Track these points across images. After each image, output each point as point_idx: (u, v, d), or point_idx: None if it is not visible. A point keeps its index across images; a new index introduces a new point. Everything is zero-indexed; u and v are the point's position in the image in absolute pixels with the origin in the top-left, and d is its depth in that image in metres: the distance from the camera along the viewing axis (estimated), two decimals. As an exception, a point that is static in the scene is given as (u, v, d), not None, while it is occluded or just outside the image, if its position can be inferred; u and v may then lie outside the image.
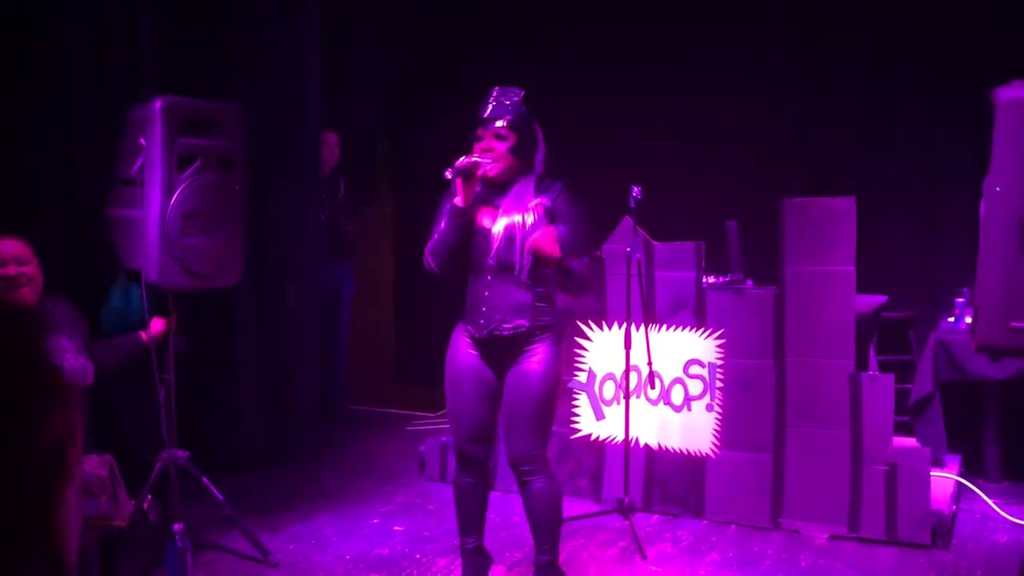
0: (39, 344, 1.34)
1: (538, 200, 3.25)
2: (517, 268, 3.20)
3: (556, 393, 3.34)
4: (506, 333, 3.26)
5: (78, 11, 4.33)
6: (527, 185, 3.28)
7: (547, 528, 3.35)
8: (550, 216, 3.24)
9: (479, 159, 3.21)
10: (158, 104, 3.57)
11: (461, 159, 3.20)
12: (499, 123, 3.23)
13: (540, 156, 3.34)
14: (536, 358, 3.26)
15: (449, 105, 6.37)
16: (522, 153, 3.28)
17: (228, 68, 4.99)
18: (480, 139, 3.27)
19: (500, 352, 3.31)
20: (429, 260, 3.31)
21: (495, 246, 3.22)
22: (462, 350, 3.37)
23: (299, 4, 5.27)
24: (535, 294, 3.26)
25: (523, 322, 3.24)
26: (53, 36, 4.27)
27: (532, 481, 3.28)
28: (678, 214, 5.24)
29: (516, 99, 3.29)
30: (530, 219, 3.22)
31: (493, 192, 3.30)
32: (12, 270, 3.45)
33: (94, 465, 3.36)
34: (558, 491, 3.35)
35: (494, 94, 3.30)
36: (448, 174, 3.18)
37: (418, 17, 6.62)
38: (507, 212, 3.24)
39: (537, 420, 3.27)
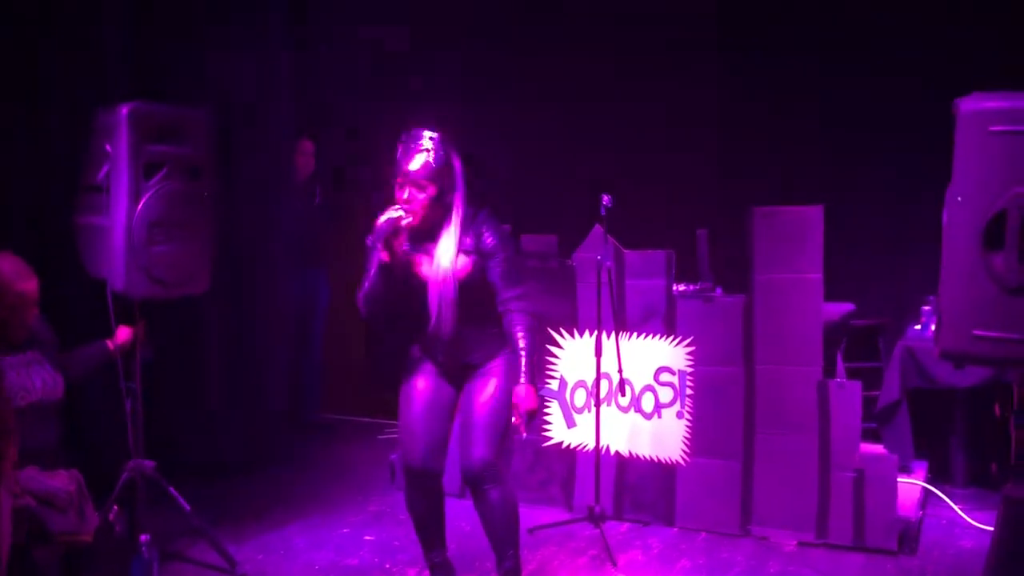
0: None
1: (466, 240, 3.26)
2: (444, 325, 3.22)
3: (511, 404, 3.33)
4: (470, 363, 3.34)
5: (46, 17, 4.29)
6: (453, 227, 3.25)
7: (508, 535, 3.34)
8: (480, 255, 3.26)
9: (397, 215, 3.17)
10: (124, 110, 3.54)
11: (381, 221, 3.18)
12: (417, 174, 3.19)
13: (459, 196, 3.26)
14: (493, 370, 3.32)
15: (412, 111, 6.38)
16: (442, 198, 3.24)
17: (197, 75, 4.95)
18: (400, 188, 3.24)
19: (458, 372, 3.37)
20: (361, 307, 3.33)
21: (430, 297, 3.24)
22: (419, 367, 3.39)
23: (268, 9, 5.24)
24: (489, 332, 3.31)
25: (481, 353, 3.32)
26: (21, 42, 4.22)
27: (489, 491, 3.27)
28: (648, 222, 5.27)
29: (435, 145, 3.22)
30: (461, 262, 3.23)
31: (423, 238, 3.29)
32: (31, 312, 3.42)
33: (63, 480, 3.32)
34: (514, 497, 3.36)
35: (408, 142, 3.23)
36: (369, 241, 3.23)
37: (390, 23, 6.61)
38: (439, 259, 3.24)
39: (493, 429, 3.28)
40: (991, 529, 3.12)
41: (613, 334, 4.37)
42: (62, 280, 4.24)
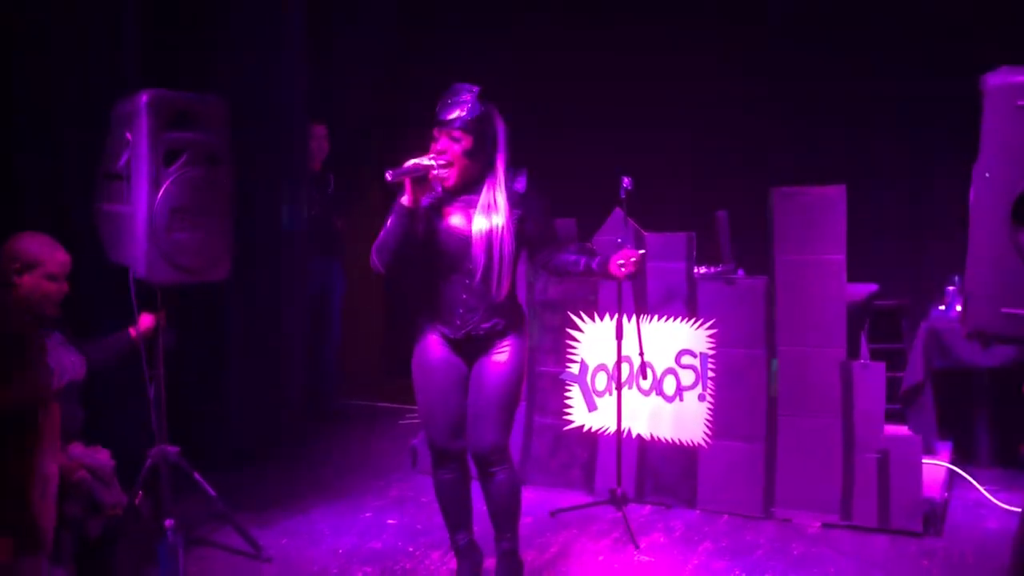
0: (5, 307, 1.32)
1: (511, 200, 3.23)
2: (496, 279, 3.19)
3: (521, 386, 3.36)
4: (482, 333, 3.28)
5: (61, 7, 4.29)
6: (497, 183, 3.22)
7: (510, 517, 3.37)
8: (520, 220, 3.23)
9: (430, 161, 3.12)
10: (144, 98, 3.54)
11: (409, 162, 3.11)
12: (454, 125, 3.15)
13: (501, 156, 3.23)
14: (504, 351, 3.29)
15: (436, 97, 6.38)
16: (479, 154, 3.19)
17: (212, 61, 4.95)
18: (436, 140, 3.20)
19: (471, 348, 3.33)
20: (374, 258, 3.25)
21: (474, 249, 3.19)
22: (432, 346, 3.35)
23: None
24: (508, 300, 3.30)
25: (499, 320, 3.28)
26: (36, 32, 4.22)
27: (497, 472, 3.29)
28: (668, 204, 5.24)
29: (472, 98, 3.17)
30: (504, 221, 3.19)
31: (460, 192, 3.25)
32: (66, 286, 3.45)
33: (106, 455, 3.47)
34: (519, 480, 3.40)
35: (451, 93, 3.20)
36: (389, 177, 3.08)
37: (404, 8, 6.60)
38: (483, 212, 3.20)
39: (503, 412, 3.28)
40: (1018, 510, 3.10)
41: (634, 317, 4.35)
42: (79, 272, 4.26)
